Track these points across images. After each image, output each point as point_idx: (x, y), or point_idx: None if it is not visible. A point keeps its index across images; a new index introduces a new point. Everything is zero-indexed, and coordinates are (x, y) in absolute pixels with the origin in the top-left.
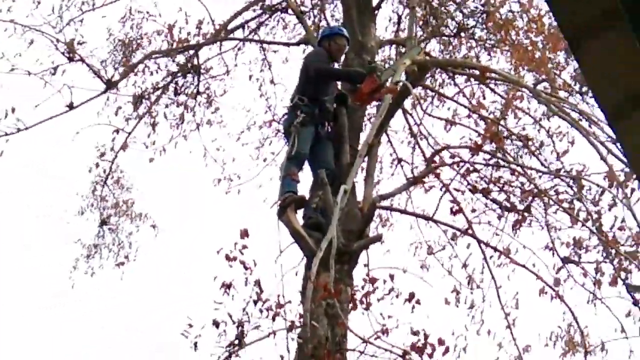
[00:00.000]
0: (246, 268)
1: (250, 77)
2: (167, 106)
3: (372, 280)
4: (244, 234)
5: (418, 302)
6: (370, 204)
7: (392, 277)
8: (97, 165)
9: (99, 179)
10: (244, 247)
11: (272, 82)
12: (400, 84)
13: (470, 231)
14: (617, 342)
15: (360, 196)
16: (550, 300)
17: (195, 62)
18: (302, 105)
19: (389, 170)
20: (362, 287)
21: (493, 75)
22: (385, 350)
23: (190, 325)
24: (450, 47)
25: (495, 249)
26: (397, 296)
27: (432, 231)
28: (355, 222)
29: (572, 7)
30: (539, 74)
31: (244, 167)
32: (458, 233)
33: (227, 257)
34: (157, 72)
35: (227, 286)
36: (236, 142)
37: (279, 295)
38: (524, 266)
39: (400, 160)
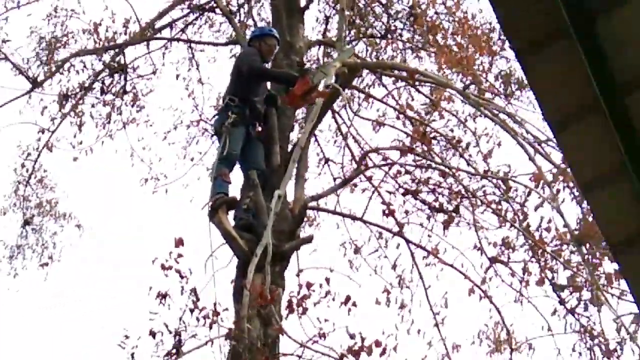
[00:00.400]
0: (182, 277)
1: (178, 76)
2: (93, 105)
3: (308, 285)
4: (179, 242)
5: (354, 304)
6: (302, 205)
7: (327, 280)
8: (23, 165)
9: (21, 178)
10: (179, 255)
11: (199, 81)
12: (331, 87)
13: (399, 231)
14: (544, 340)
15: (290, 197)
16: (479, 299)
17: (122, 61)
18: (232, 105)
19: (316, 170)
20: (298, 292)
21: (424, 78)
22: (323, 354)
23: (127, 337)
24: (378, 48)
25: (424, 249)
26: (333, 299)
27: (360, 230)
28: (286, 223)
29: (520, 23)
30: (465, 76)
31: (171, 167)
32: (388, 234)
33: (163, 267)
34: (83, 71)
35: (163, 296)
36: (163, 142)
37: (215, 304)
38: (451, 266)
39: (327, 160)
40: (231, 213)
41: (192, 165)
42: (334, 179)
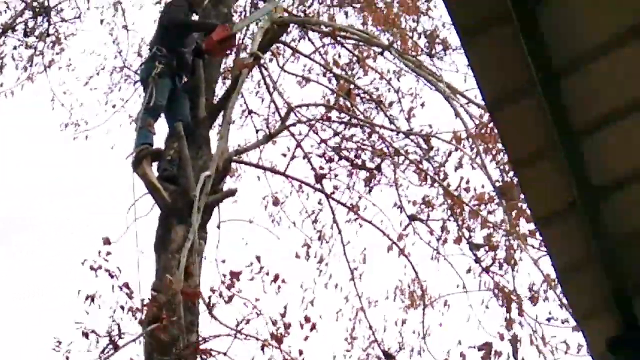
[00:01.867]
0: (112, 276)
1: (102, 21)
2: (15, 47)
3: (233, 274)
4: (107, 241)
5: (283, 281)
6: (226, 159)
7: (258, 258)
8: None
9: None
10: (108, 253)
11: (124, 27)
12: (254, 55)
13: (321, 188)
14: (458, 297)
15: (214, 149)
16: (398, 256)
17: (46, 3)
18: (160, 55)
19: (239, 122)
20: (223, 282)
21: (348, 34)
22: (250, 336)
23: (59, 342)
24: (309, 6)
25: (345, 205)
26: (267, 273)
27: (283, 185)
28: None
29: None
30: (392, 35)
31: (92, 113)
32: (309, 188)
33: (92, 268)
34: (5, 12)
35: (92, 298)
36: (84, 87)
37: (142, 300)
38: (370, 222)
39: (250, 112)
40: (155, 164)
41: (114, 112)
42: (257, 131)
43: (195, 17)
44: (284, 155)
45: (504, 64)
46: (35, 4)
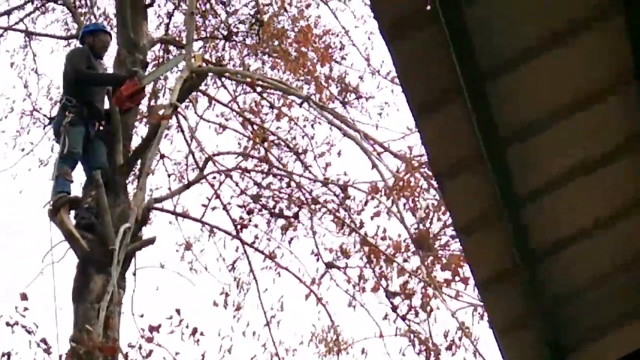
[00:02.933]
0: (29, 332)
1: (12, 64)
2: None
3: (152, 329)
4: (24, 297)
5: (202, 334)
6: (145, 208)
7: (178, 311)
8: None
9: None
10: (25, 309)
11: (34, 71)
12: (173, 106)
13: (237, 235)
14: (376, 344)
15: (132, 196)
16: (316, 304)
17: None
18: (70, 105)
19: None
20: (142, 336)
21: (265, 84)
22: None
23: None
24: (222, 51)
25: (262, 253)
26: (186, 326)
27: (202, 232)
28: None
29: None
30: (307, 83)
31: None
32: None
33: (8, 324)
34: None
35: (8, 355)
36: None
37: (60, 355)
38: (287, 269)
39: (162, 156)
40: (72, 212)
41: (23, 156)
42: (169, 175)
43: (101, 62)
44: (205, 206)
45: (454, 135)
46: None
